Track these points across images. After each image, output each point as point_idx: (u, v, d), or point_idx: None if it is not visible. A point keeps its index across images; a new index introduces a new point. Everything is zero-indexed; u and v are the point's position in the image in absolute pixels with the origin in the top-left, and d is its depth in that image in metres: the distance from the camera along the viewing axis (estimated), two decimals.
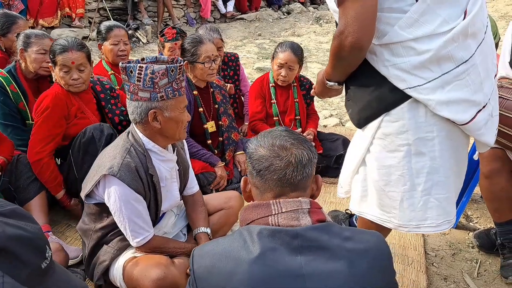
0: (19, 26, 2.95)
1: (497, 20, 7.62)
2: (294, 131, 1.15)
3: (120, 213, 1.61)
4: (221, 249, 1.01)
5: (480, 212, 2.56)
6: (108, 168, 1.58)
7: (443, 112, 1.32)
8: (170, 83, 1.60)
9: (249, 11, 8.48)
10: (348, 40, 1.29)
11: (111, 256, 1.69)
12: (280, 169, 1.06)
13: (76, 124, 2.24)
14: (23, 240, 0.73)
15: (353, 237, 1.03)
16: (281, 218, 1.02)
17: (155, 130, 1.65)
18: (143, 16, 7.19)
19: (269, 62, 5.86)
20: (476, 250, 2.24)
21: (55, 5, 6.61)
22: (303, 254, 0.97)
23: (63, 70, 2.15)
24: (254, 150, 1.11)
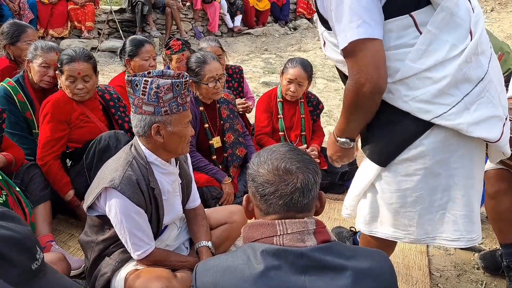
0: (28, 35, 2.99)
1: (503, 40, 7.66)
2: (298, 150, 1.12)
3: (121, 226, 1.61)
4: (224, 265, 1.01)
5: (485, 232, 2.54)
6: (109, 180, 1.59)
7: (476, 133, 1.32)
8: (175, 98, 1.61)
9: (256, 26, 8.58)
10: (366, 87, 1.27)
11: (113, 268, 1.68)
12: (286, 194, 1.03)
13: (82, 127, 2.28)
14: (12, 241, 0.74)
15: (357, 256, 1.02)
16: (286, 239, 1.01)
17: (158, 144, 1.65)
18: (152, 29, 7.28)
19: (275, 77, 5.92)
20: (481, 272, 2.21)
21: (65, 17, 6.73)
22: (308, 273, 0.97)
23: (69, 79, 2.20)
24: (257, 172, 1.07)
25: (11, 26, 3.01)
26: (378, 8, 1.25)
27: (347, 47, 1.27)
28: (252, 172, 1.09)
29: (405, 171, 1.41)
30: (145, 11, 7.03)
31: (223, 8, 8.04)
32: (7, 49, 3.00)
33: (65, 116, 2.23)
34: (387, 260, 1.07)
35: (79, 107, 2.28)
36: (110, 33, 7.32)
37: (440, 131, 1.34)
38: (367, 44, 1.24)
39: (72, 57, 2.20)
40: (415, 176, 1.40)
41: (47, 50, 2.48)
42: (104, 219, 1.68)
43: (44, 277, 0.79)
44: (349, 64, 1.30)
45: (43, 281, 0.78)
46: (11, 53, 3.00)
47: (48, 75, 2.45)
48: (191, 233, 1.95)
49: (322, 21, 1.42)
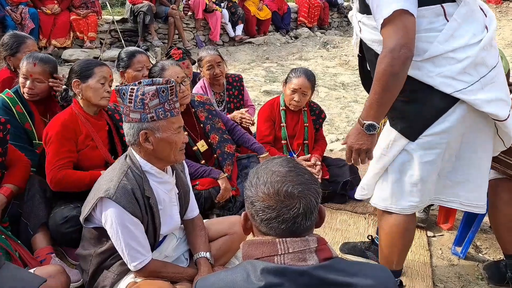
0: (27, 46, 2.99)
1: (503, 48, 7.66)
2: (298, 169, 1.06)
3: (117, 237, 1.59)
4: (224, 282, 0.99)
5: (489, 242, 2.51)
6: (105, 190, 1.58)
7: (488, 109, 1.53)
8: (161, 104, 1.60)
9: (257, 35, 8.61)
10: (402, 52, 1.44)
11: (112, 281, 1.66)
12: (288, 220, 1.00)
13: (86, 154, 2.20)
14: None
15: (361, 273, 1.00)
16: (287, 258, 0.98)
17: (149, 152, 1.65)
18: (153, 38, 7.32)
19: (276, 86, 5.93)
20: (485, 283, 2.18)
21: (67, 27, 6.78)
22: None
23: (100, 82, 2.19)
24: (256, 196, 1.03)
25: (11, 37, 3.03)
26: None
27: (391, 15, 1.44)
28: (251, 195, 1.05)
29: (428, 145, 1.61)
30: (147, 21, 7.07)
31: (224, 18, 8.08)
32: (7, 60, 3.01)
33: (73, 136, 2.15)
34: (391, 277, 1.06)
35: (85, 129, 2.20)
36: (112, 43, 7.36)
37: (462, 109, 1.55)
38: (407, 15, 1.45)
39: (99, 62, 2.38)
40: (437, 149, 1.62)
41: (26, 61, 2.47)
42: (100, 231, 1.67)
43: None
44: (390, 31, 1.46)
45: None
46: (11, 64, 3.01)
47: (26, 86, 2.43)
48: (189, 244, 1.93)
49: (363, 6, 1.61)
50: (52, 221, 2.10)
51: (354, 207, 2.86)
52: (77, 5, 6.85)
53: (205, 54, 3.17)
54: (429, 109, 1.56)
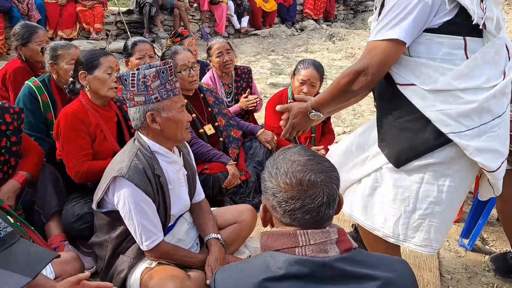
0: (39, 35, 3.03)
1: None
2: (317, 157, 1.05)
3: (129, 216, 1.63)
4: (243, 273, 0.99)
5: (496, 235, 2.53)
6: (117, 170, 1.63)
7: (477, 158, 1.44)
8: (163, 85, 1.66)
9: (263, 27, 8.60)
10: (367, 78, 1.43)
11: (129, 265, 1.71)
12: (313, 210, 0.99)
13: (95, 146, 2.20)
14: None
15: (380, 265, 1.01)
16: (308, 250, 0.97)
17: (157, 132, 1.70)
18: (159, 30, 7.32)
19: (282, 78, 5.93)
20: (492, 274, 2.20)
21: (74, 18, 6.80)
22: (331, 283, 0.96)
23: (107, 72, 2.21)
24: (278, 187, 1.01)
25: (22, 27, 3.06)
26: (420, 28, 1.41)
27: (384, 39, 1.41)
28: (271, 186, 1.03)
29: (409, 173, 1.53)
30: (152, 12, 7.07)
31: (230, 9, 8.07)
32: (19, 50, 3.05)
33: (84, 128, 2.16)
34: (409, 269, 1.06)
35: (94, 120, 2.21)
36: (118, 34, 7.37)
37: (452, 150, 1.46)
38: (398, 44, 1.40)
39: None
40: (415, 176, 1.52)
41: (67, 47, 2.53)
42: (113, 216, 1.71)
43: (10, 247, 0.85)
44: (371, 50, 1.43)
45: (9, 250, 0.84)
46: (22, 54, 3.04)
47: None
48: (198, 227, 1.97)
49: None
50: (65, 218, 2.15)
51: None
52: None
53: (214, 42, 3.22)
54: (420, 141, 1.48)
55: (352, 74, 1.46)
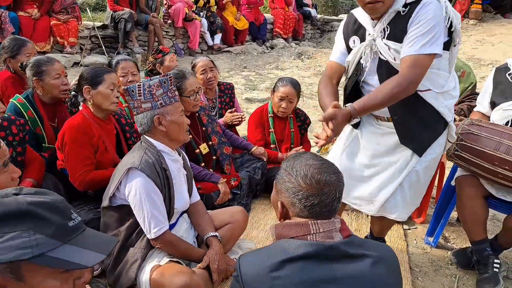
0: (28, 48, 3.13)
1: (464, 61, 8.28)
2: (326, 161, 1.27)
3: (140, 205, 1.82)
4: (264, 257, 1.18)
5: (456, 233, 2.85)
6: (131, 163, 1.84)
7: (453, 134, 2.06)
8: (165, 92, 1.94)
9: (235, 45, 8.89)
10: (413, 86, 1.80)
11: (141, 255, 1.88)
12: (328, 204, 1.20)
13: (97, 157, 2.33)
14: (43, 204, 0.93)
15: (372, 247, 1.24)
16: (318, 236, 1.19)
17: (162, 134, 1.95)
18: (134, 45, 7.43)
19: (256, 93, 6.20)
20: (454, 267, 2.51)
21: (48, 32, 6.78)
22: (336, 262, 1.17)
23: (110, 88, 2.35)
24: (298, 187, 1.21)
25: (11, 40, 3.15)
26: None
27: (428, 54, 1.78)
28: (291, 186, 1.22)
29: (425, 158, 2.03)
30: (128, 28, 7.17)
31: (203, 27, 8.30)
32: (8, 63, 3.12)
33: (88, 139, 2.29)
34: (392, 251, 1.31)
35: (97, 132, 2.34)
36: (92, 49, 7.42)
37: (444, 135, 2.03)
38: (433, 58, 1.81)
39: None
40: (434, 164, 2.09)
41: (51, 62, 2.59)
42: (122, 211, 1.89)
43: (83, 232, 0.99)
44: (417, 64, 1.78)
45: (82, 234, 0.98)
46: (11, 66, 3.12)
47: (63, 83, 2.58)
48: (195, 227, 2.16)
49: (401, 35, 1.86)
50: None
51: None
52: (57, 10, 6.87)
53: (199, 60, 3.42)
54: (434, 132, 1.99)
55: (406, 84, 1.77)
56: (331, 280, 1.15)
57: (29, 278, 0.89)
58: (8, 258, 0.86)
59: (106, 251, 0.99)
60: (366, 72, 2.00)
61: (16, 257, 0.86)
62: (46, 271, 0.91)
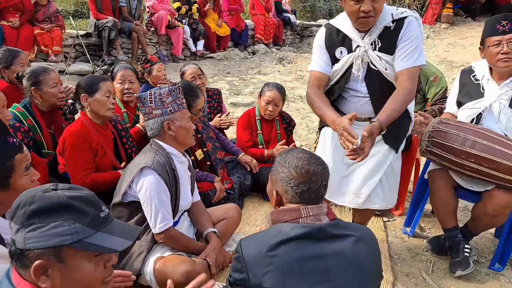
0: (21, 58, 3.24)
1: (437, 64, 8.67)
2: (312, 153, 1.48)
3: (149, 201, 1.98)
4: (262, 239, 1.37)
5: (431, 224, 3.10)
6: (144, 163, 2.01)
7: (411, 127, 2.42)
8: (174, 100, 2.12)
9: (218, 51, 9.07)
10: (414, 95, 2.14)
11: (147, 248, 2.04)
12: (316, 191, 1.40)
13: (97, 161, 2.47)
14: (80, 198, 1.08)
15: (354, 228, 1.45)
16: (309, 219, 1.38)
17: (171, 138, 2.12)
18: (118, 53, 7.52)
19: (241, 98, 6.40)
20: (430, 253, 2.75)
21: (31, 41, 6.83)
22: (324, 241, 1.37)
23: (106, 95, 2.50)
24: (291, 175, 1.40)
25: (4, 51, 3.26)
26: None
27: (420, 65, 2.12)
28: (284, 176, 1.42)
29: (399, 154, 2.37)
30: (112, 36, 7.26)
31: (186, 33, 8.46)
32: (2, 73, 3.23)
33: (88, 145, 2.43)
34: (372, 233, 1.51)
35: (95, 137, 2.48)
36: (77, 57, 7.48)
37: (410, 130, 2.37)
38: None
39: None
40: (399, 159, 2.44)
41: (47, 71, 2.72)
42: (131, 207, 2.05)
43: (111, 222, 1.15)
44: (414, 76, 2.10)
45: (111, 224, 1.14)
46: (6, 76, 3.22)
47: (60, 91, 2.72)
48: (196, 224, 2.33)
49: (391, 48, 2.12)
50: None
51: None
52: (41, 19, 6.93)
53: (187, 68, 3.58)
54: (406, 129, 2.31)
55: (412, 93, 2.10)
56: (320, 256, 1.35)
57: (68, 260, 1.05)
58: (52, 243, 1.01)
59: (132, 238, 1.16)
60: (353, 79, 2.21)
61: (58, 243, 1.02)
62: (82, 254, 1.06)
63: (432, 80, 3.09)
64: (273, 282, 1.32)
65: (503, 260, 2.62)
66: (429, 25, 11.38)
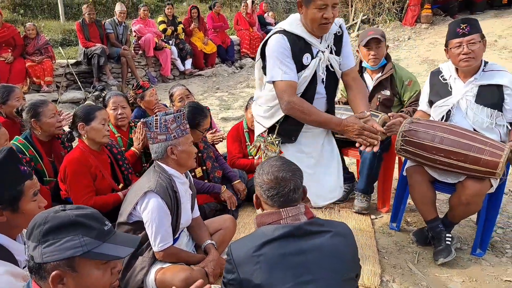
0: (16, 93, 3.43)
1: (419, 64, 8.94)
2: (289, 162, 1.64)
3: (151, 222, 2.14)
4: (249, 241, 1.55)
5: (416, 218, 3.28)
6: (148, 187, 2.16)
7: None
8: (178, 126, 2.25)
9: (206, 68, 9.31)
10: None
11: (149, 263, 2.20)
12: (284, 194, 1.56)
13: (96, 185, 2.63)
14: (86, 215, 1.25)
15: (331, 225, 1.62)
16: (289, 220, 1.55)
17: (173, 162, 2.26)
18: (109, 78, 7.73)
19: (231, 112, 6.60)
20: (415, 245, 2.92)
21: (23, 73, 7.03)
22: (303, 238, 1.53)
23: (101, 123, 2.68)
24: (263, 181, 1.59)
25: (0, 88, 3.45)
26: None
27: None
28: (259, 181, 1.61)
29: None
30: (101, 62, 7.48)
31: (173, 54, 8.69)
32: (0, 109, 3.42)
33: (87, 170, 2.60)
34: (348, 227, 1.68)
35: (93, 162, 2.64)
36: (68, 85, 7.67)
37: None
38: None
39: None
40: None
41: (45, 104, 2.92)
42: (135, 226, 2.20)
43: (114, 234, 1.31)
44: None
45: (114, 235, 1.30)
46: (3, 111, 3.41)
47: (58, 121, 2.91)
48: (195, 237, 2.49)
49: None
50: None
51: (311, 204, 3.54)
52: (31, 52, 7.13)
53: (175, 89, 3.78)
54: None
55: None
56: (300, 252, 1.52)
57: (80, 269, 1.21)
58: (66, 255, 1.18)
59: (134, 245, 1.33)
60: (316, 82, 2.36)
61: (71, 254, 1.19)
62: (92, 263, 1.23)
63: (407, 84, 3.29)
64: (261, 278, 1.49)
65: (483, 245, 2.79)
66: (410, 26, 11.69)
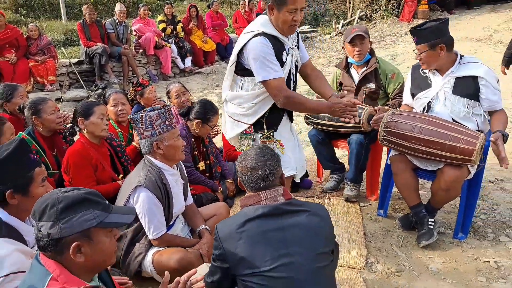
0: (20, 91, 3.59)
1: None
2: (263, 151, 1.80)
3: (143, 214, 2.28)
4: (233, 220, 1.72)
5: (403, 205, 3.43)
6: (137, 181, 2.30)
7: None
8: (163, 122, 2.35)
9: (205, 66, 9.46)
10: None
11: (145, 249, 2.36)
12: (254, 181, 1.75)
13: (97, 175, 2.79)
14: (90, 193, 1.42)
15: (308, 205, 1.78)
16: (268, 201, 1.73)
17: (161, 156, 2.39)
18: (110, 76, 7.90)
19: None
20: (400, 230, 3.07)
21: (27, 73, 7.21)
22: (282, 217, 1.70)
23: (100, 118, 2.85)
24: (239, 169, 1.80)
25: (4, 87, 3.60)
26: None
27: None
28: (238, 168, 1.82)
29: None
30: (102, 61, 7.65)
31: (173, 52, 8.84)
32: (4, 106, 3.58)
33: (88, 162, 2.77)
34: (324, 208, 1.84)
35: (94, 154, 2.80)
36: (71, 84, 7.85)
37: None
38: None
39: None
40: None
41: (45, 101, 3.09)
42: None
43: (113, 208, 1.48)
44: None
45: (114, 208, 1.47)
46: (7, 109, 3.57)
47: (58, 117, 3.07)
48: (190, 223, 2.65)
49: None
50: None
51: (304, 193, 3.72)
52: (34, 52, 7.31)
53: (172, 87, 3.95)
54: None
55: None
56: (280, 228, 1.68)
57: (95, 238, 1.39)
58: (84, 227, 1.36)
59: (133, 212, 1.53)
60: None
61: (89, 226, 1.37)
62: (103, 231, 1.41)
63: (391, 77, 3.44)
64: (244, 252, 1.65)
65: (465, 229, 2.95)
66: (407, 22, 11.79)
